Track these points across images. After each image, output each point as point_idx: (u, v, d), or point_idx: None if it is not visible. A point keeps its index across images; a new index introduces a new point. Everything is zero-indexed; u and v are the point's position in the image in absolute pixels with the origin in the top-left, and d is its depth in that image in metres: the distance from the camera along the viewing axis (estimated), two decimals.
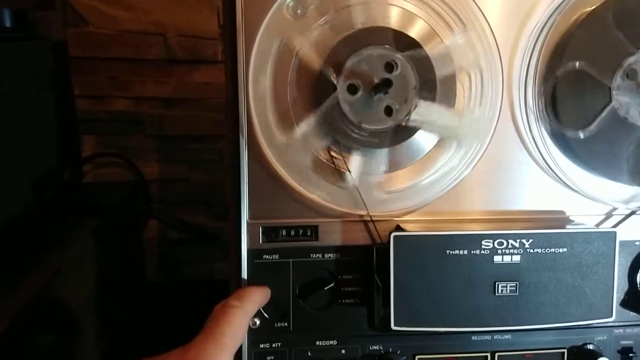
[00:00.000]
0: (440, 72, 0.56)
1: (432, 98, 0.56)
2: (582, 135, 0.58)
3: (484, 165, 0.59)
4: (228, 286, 0.58)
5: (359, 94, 0.55)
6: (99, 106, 1.03)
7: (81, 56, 1.00)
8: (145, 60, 1.01)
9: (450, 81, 0.57)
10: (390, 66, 0.54)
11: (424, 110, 0.55)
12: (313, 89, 0.55)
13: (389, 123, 0.56)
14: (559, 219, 0.60)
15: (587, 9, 0.58)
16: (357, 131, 0.56)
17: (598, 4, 0.58)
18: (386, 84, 0.53)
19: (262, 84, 0.54)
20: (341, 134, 0.56)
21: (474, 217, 0.60)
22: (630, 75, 0.58)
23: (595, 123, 0.58)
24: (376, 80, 0.54)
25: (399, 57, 0.55)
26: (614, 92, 0.58)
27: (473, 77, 0.58)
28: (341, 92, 0.54)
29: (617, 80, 0.57)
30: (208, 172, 1.05)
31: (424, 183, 0.59)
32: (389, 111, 0.55)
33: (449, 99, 0.57)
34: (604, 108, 0.58)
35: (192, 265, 1.07)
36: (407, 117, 0.55)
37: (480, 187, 0.60)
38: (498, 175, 0.60)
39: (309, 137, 0.55)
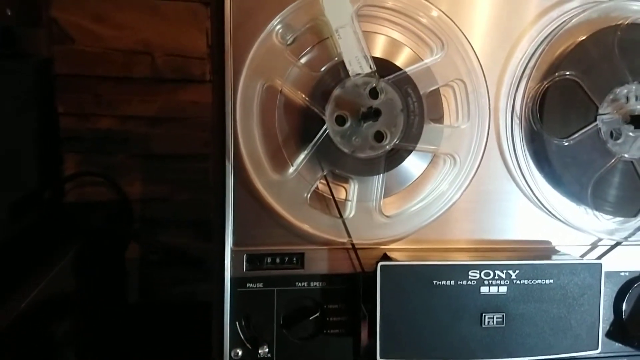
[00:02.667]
0: (424, 90, 0.56)
1: (420, 116, 0.56)
2: (562, 143, 0.58)
3: (470, 194, 0.59)
4: (211, 309, 0.56)
5: (348, 124, 0.54)
6: (83, 124, 1.01)
7: (67, 74, 0.98)
8: (132, 78, 1.00)
9: (435, 96, 0.57)
10: (375, 93, 0.54)
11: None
12: (301, 124, 0.55)
13: (381, 149, 0.56)
14: (545, 249, 0.60)
15: (580, 38, 0.59)
16: (350, 161, 0.55)
17: (602, 29, 0.59)
18: (375, 113, 0.53)
19: (250, 119, 0.54)
20: (335, 165, 0.56)
21: (461, 246, 0.60)
22: (619, 102, 0.58)
23: (576, 136, 0.58)
24: (363, 109, 0.54)
25: (382, 83, 0.55)
26: (600, 113, 0.58)
27: (457, 90, 0.58)
28: (330, 125, 0.54)
29: (606, 103, 0.58)
30: (193, 192, 1.04)
31: (412, 210, 0.59)
32: (379, 137, 0.55)
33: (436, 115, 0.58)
34: (587, 125, 0.58)
35: (175, 287, 1.05)
36: (397, 141, 0.55)
37: (467, 216, 0.60)
38: (485, 204, 0.60)
39: (303, 172, 0.55)
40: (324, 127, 0.54)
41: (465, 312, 0.54)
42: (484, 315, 0.54)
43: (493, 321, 0.54)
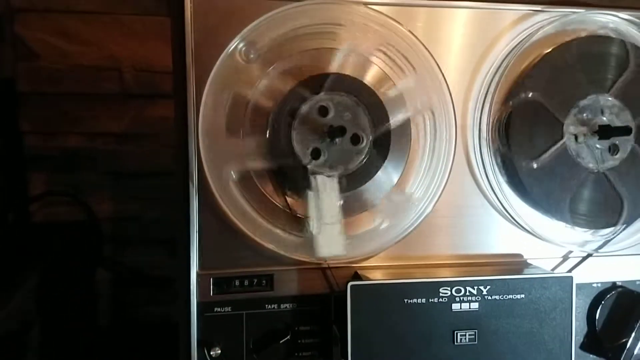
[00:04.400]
0: (394, 117, 0.56)
1: (386, 145, 0.56)
2: (532, 165, 0.58)
3: (441, 210, 0.58)
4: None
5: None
6: (50, 142, 0.99)
7: (32, 91, 0.96)
8: (99, 95, 0.98)
9: (405, 127, 0.57)
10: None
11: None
12: (284, 172, 0.55)
13: (366, 149, 0.55)
14: (517, 262, 0.60)
15: (546, 50, 0.59)
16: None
17: (560, 44, 0.59)
18: (341, 130, 0.53)
19: (214, 134, 0.53)
20: (300, 184, 0.55)
21: (433, 262, 0.59)
22: (584, 116, 0.59)
23: (545, 156, 0.58)
24: (325, 129, 0.54)
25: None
26: (566, 130, 0.58)
27: (427, 119, 0.58)
28: (312, 168, 0.54)
29: (571, 118, 0.58)
30: (164, 210, 1.02)
31: (383, 226, 0.58)
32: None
33: (404, 145, 0.57)
34: (555, 143, 0.58)
35: (146, 308, 1.02)
36: (372, 135, 0.55)
37: (439, 232, 0.59)
38: (456, 219, 0.59)
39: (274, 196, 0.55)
40: (309, 171, 0.54)
41: (437, 330, 0.53)
42: (456, 333, 0.53)
43: (465, 338, 0.54)
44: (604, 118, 0.59)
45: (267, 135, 0.54)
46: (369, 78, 0.56)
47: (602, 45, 0.60)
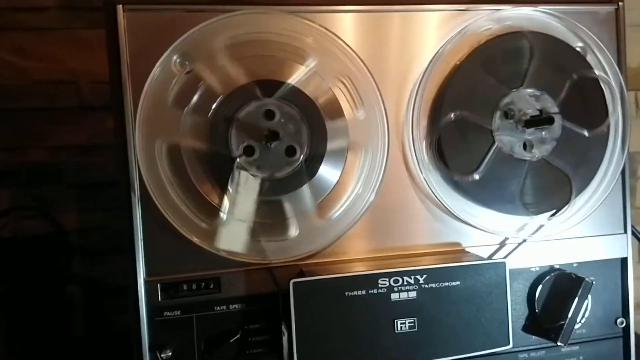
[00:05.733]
0: (332, 143, 0.59)
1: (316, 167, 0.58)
2: (473, 178, 0.60)
3: (380, 205, 0.61)
4: None
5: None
6: (14, 158, 1.00)
7: None
8: (59, 109, 0.99)
9: (340, 155, 0.59)
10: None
11: None
12: (212, 168, 0.57)
13: (297, 163, 0.57)
14: (456, 251, 0.62)
15: (456, 63, 0.61)
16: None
17: (463, 58, 0.61)
18: (274, 136, 0.55)
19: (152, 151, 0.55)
20: (224, 175, 0.56)
21: (375, 255, 0.61)
22: (508, 114, 0.61)
23: (484, 165, 0.60)
24: (265, 132, 0.55)
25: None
26: (495, 133, 0.61)
27: (363, 155, 0.60)
28: (241, 162, 0.56)
29: (497, 121, 0.61)
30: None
31: (335, 217, 0.60)
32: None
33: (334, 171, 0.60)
34: (489, 150, 0.60)
35: (121, 316, 1.04)
36: (308, 150, 0.57)
37: (379, 227, 0.61)
38: (394, 214, 0.62)
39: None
40: (236, 164, 0.56)
41: (378, 319, 0.56)
42: (396, 321, 0.56)
43: (405, 326, 0.56)
44: (528, 110, 0.61)
45: (209, 117, 0.55)
46: (321, 100, 0.58)
47: (505, 43, 0.62)
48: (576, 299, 0.62)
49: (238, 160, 0.56)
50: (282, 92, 0.57)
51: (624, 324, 0.67)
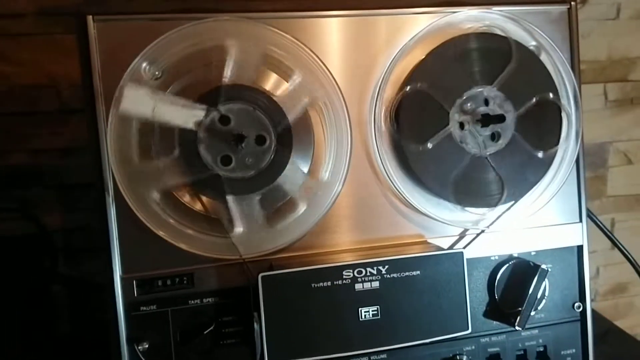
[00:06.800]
0: (290, 113, 0.61)
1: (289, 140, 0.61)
2: (419, 148, 0.63)
3: (346, 201, 0.64)
4: None
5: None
6: None
7: None
8: (39, 112, 1.01)
9: (303, 120, 0.62)
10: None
11: None
12: (179, 157, 0.59)
13: (270, 149, 0.60)
14: (418, 243, 0.66)
15: (430, 48, 0.65)
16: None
17: (447, 41, 0.64)
18: (240, 138, 0.58)
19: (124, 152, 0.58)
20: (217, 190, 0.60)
21: (342, 249, 0.65)
22: (466, 105, 0.64)
23: (432, 140, 0.64)
24: (231, 138, 0.59)
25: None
26: (451, 117, 0.64)
27: (323, 110, 0.63)
28: (224, 174, 0.59)
29: (456, 107, 0.64)
30: None
31: (297, 216, 0.63)
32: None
33: (306, 137, 0.63)
34: (441, 129, 0.64)
35: (104, 313, 1.06)
36: (275, 135, 0.60)
37: (345, 221, 0.65)
38: (360, 209, 0.65)
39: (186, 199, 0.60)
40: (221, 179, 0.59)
41: (343, 309, 0.59)
42: (360, 310, 0.59)
43: (369, 314, 0.59)
44: (488, 108, 0.65)
45: (177, 153, 0.58)
46: (262, 83, 0.61)
47: (487, 41, 0.66)
48: (532, 286, 0.66)
49: (222, 172, 0.59)
50: (224, 95, 0.59)
51: (581, 308, 0.71)
